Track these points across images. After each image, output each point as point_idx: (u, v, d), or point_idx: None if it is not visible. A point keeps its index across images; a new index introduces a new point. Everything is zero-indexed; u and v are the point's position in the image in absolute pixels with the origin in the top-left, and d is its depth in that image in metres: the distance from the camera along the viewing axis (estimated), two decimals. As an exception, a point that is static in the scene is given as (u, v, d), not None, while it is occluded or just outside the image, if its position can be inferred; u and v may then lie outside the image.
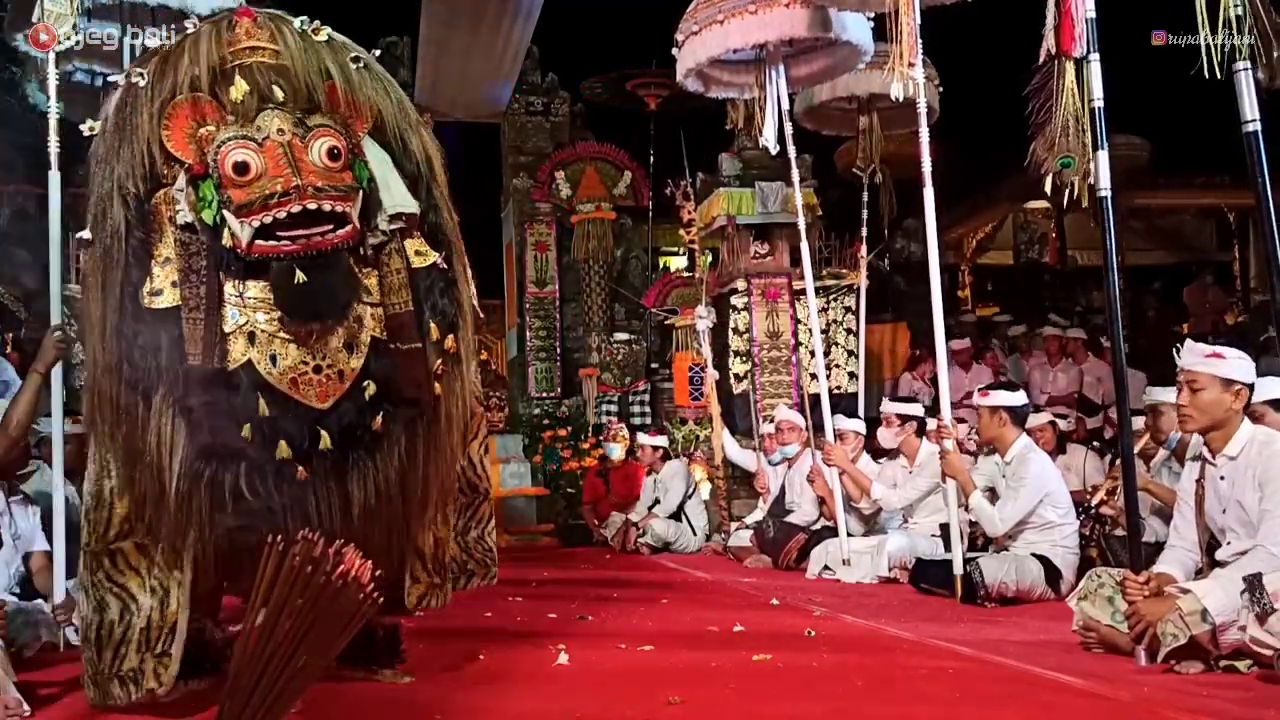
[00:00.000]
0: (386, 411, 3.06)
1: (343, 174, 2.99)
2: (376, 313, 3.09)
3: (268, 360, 2.98)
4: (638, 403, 11.40)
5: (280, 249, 2.91)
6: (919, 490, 6.72)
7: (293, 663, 2.61)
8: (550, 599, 5.72)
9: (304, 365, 2.99)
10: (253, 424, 2.95)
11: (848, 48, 6.84)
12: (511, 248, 13.19)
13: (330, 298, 2.98)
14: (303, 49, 3.09)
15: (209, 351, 2.95)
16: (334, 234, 2.93)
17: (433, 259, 3.18)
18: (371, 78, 3.18)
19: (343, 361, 3.01)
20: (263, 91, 3.00)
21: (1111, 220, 3.92)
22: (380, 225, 3.11)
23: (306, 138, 2.97)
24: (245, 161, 2.92)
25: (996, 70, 6.85)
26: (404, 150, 3.21)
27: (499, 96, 12.83)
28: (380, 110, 3.16)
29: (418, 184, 3.21)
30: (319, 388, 2.99)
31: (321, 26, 3.18)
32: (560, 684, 3.56)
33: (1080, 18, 3.98)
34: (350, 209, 2.97)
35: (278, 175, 2.90)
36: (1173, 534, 4.05)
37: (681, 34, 6.81)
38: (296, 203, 2.87)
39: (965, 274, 14.97)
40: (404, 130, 3.22)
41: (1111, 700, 3.19)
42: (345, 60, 3.13)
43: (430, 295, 3.17)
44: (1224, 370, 3.75)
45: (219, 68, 3.03)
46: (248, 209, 2.90)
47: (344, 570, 2.61)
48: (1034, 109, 4.42)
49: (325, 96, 3.05)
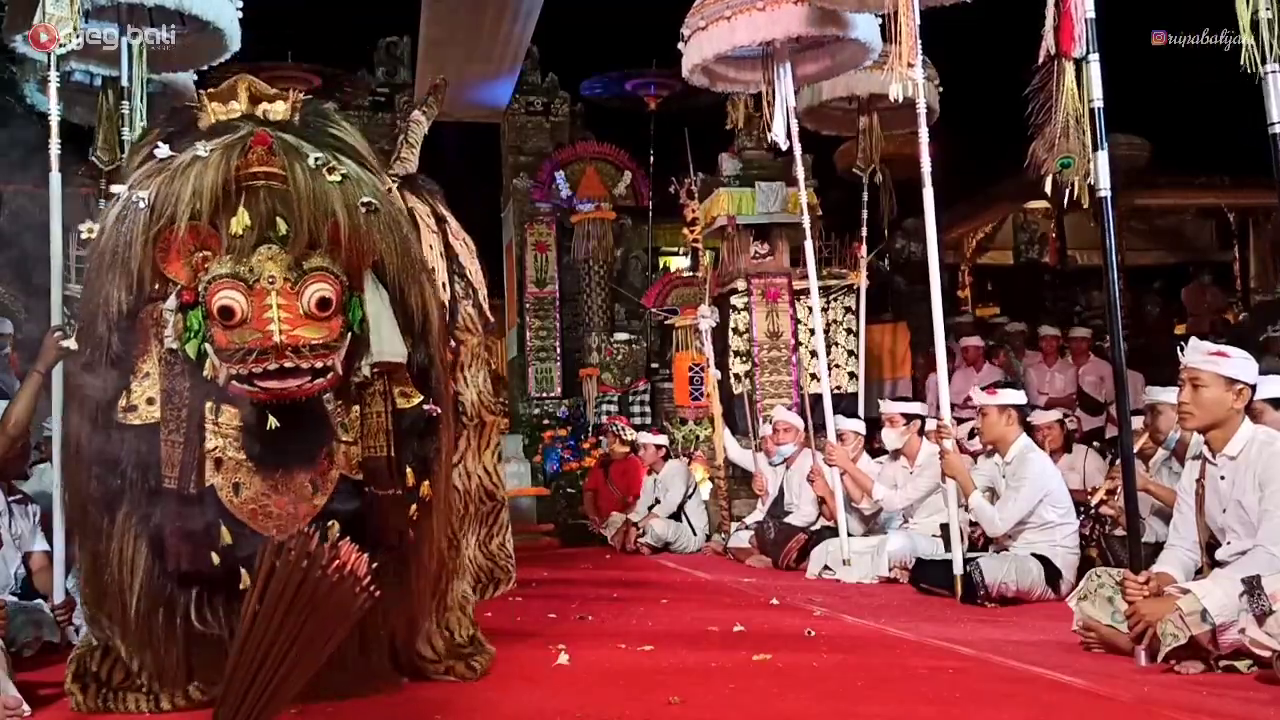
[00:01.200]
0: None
1: (331, 322, 2.94)
2: (351, 451, 3.08)
3: (230, 489, 3.00)
4: (638, 403, 11.41)
5: (255, 395, 2.91)
6: (920, 490, 6.71)
7: (289, 658, 2.61)
8: (550, 599, 5.71)
9: (265, 497, 3.00)
10: (214, 551, 2.96)
11: (855, 45, 6.82)
12: (511, 248, 13.20)
13: (299, 443, 2.99)
14: (311, 187, 3.01)
15: (185, 476, 2.98)
16: (310, 384, 2.91)
17: (416, 401, 3.16)
18: (380, 223, 3.10)
19: (305, 498, 3.02)
20: (264, 222, 2.96)
21: (1111, 220, 3.92)
22: (363, 369, 3.08)
23: (299, 284, 2.91)
24: (230, 307, 2.89)
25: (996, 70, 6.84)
26: (401, 299, 3.16)
27: (499, 96, 12.84)
28: (383, 256, 3.10)
29: (410, 331, 3.17)
30: (277, 521, 2.99)
31: (338, 166, 3.09)
32: (560, 684, 3.55)
33: (1080, 18, 3.98)
34: (333, 361, 2.94)
35: (260, 329, 2.87)
36: (1172, 534, 4.05)
37: (688, 29, 6.79)
38: (274, 362, 2.86)
39: (965, 274, 14.95)
40: (405, 280, 3.17)
41: (1111, 700, 3.19)
42: (354, 203, 3.05)
43: (409, 439, 3.15)
44: (1227, 369, 3.75)
45: (224, 189, 2.98)
46: (227, 355, 2.89)
47: (340, 565, 2.61)
48: (1034, 109, 4.41)
49: (326, 237, 2.99)
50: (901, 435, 6.89)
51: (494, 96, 12.82)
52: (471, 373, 4.53)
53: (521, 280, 12.93)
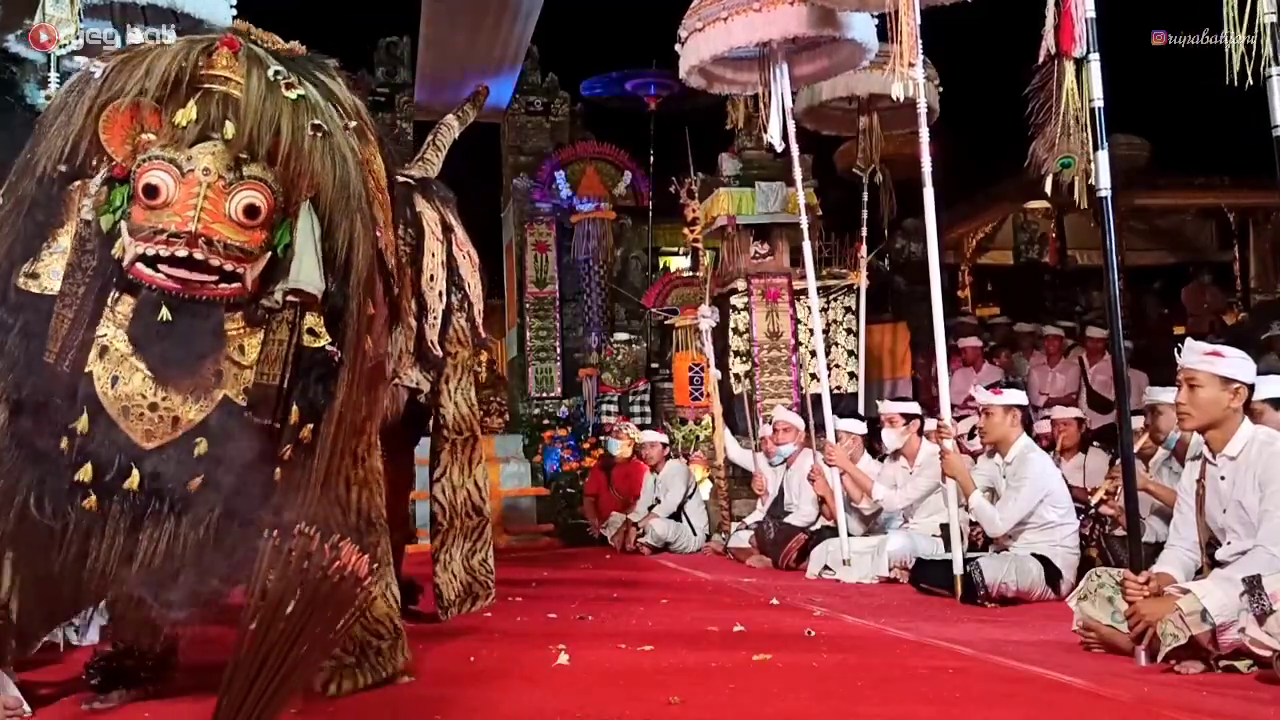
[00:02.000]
0: (208, 478, 2.87)
1: (255, 233, 2.91)
2: (242, 375, 2.95)
3: (108, 379, 2.88)
4: (638, 403, 11.40)
5: (155, 280, 2.85)
6: (920, 490, 6.71)
7: (289, 658, 2.61)
8: (550, 599, 5.71)
9: (141, 398, 2.87)
10: (68, 436, 2.84)
11: (851, 45, 6.83)
12: (511, 248, 13.20)
13: (186, 345, 2.88)
14: (264, 98, 2.97)
15: (63, 354, 2.86)
16: (215, 287, 2.86)
17: (322, 343, 3.02)
18: (325, 150, 3.02)
19: (181, 409, 2.88)
20: (211, 123, 2.94)
21: (1111, 220, 3.92)
22: (275, 295, 2.98)
23: (232, 185, 2.89)
24: (157, 185, 2.86)
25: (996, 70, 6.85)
26: (329, 232, 3.05)
27: (499, 96, 12.84)
28: (321, 186, 3.02)
29: (330, 266, 3.04)
30: (147, 425, 2.87)
31: (300, 83, 3.04)
32: (560, 684, 3.55)
33: (1080, 17, 3.98)
34: (246, 270, 2.89)
35: (179, 214, 2.83)
36: (1173, 534, 4.05)
37: (685, 31, 6.80)
38: (184, 248, 2.82)
39: (965, 274, 14.96)
40: (336, 213, 3.05)
41: (1111, 700, 3.19)
42: (303, 123, 2.99)
43: (305, 378, 3.00)
44: (1223, 369, 3.75)
45: (178, 83, 2.96)
46: (139, 232, 2.85)
47: (340, 565, 2.61)
48: (1034, 109, 4.41)
49: (268, 152, 2.95)
50: (901, 435, 6.88)
51: (494, 96, 12.79)
52: (456, 385, 4.49)
53: (521, 280, 12.93)
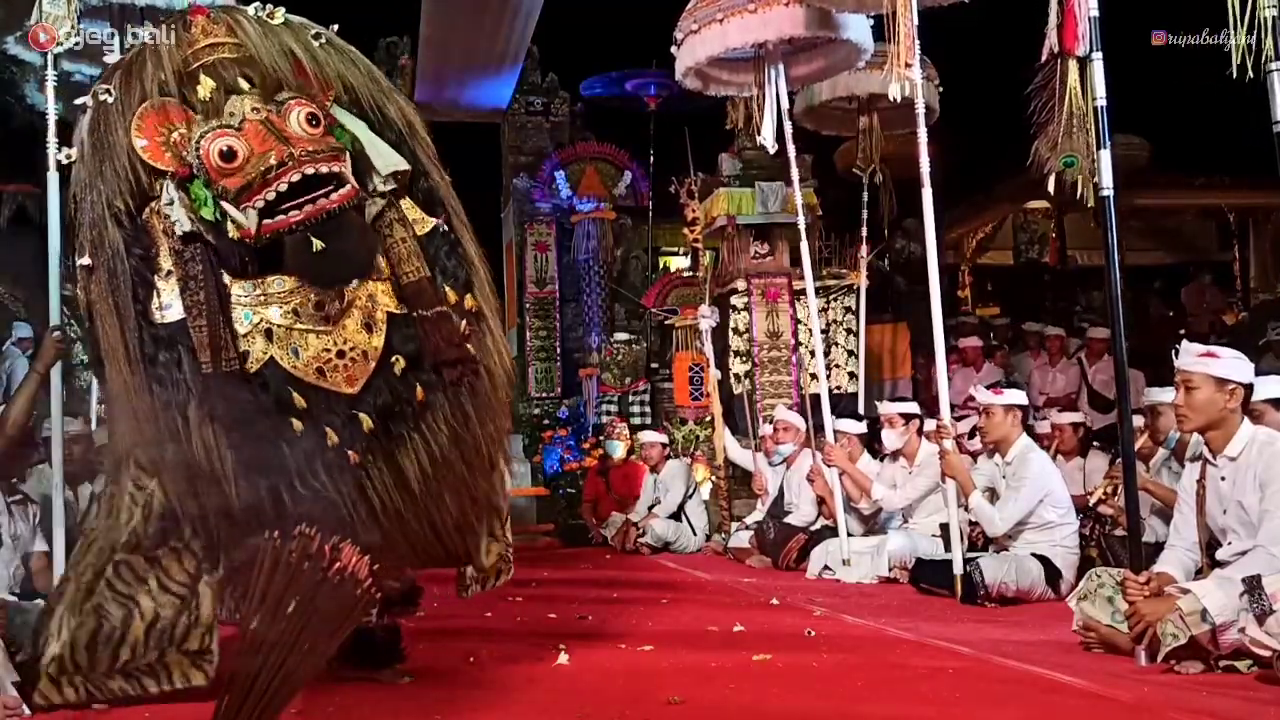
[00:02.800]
0: (423, 381, 3.04)
1: (326, 138, 2.98)
2: (387, 287, 3.07)
3: (290, 354, 2.97)
4: (638, 403, 11.40)
5: (289, 221, 2.91)
6: (919, 490, 6.71)
7: (290, 658, 2.61)
8: (550, 599, 5.71)
9: (326, 353, 2.98)
10: (291, 419, 2.94)
11: (847, 46, 6.83)
12: (511, 248, 13.20)
13: (350, 258, 2.99)
14: (262, 35, 3.08)
15: (217, 356, 2.94)
16: (336, 194, 2.91)
17: (433, 223, 3.16)
18: (336, 52, 3.17)
19: (364, 342, 3.01)
20: (229, 85, 3.00)
21: (1113, 219, 3.92)
22: (377, 186, 3.08)
23: (282, 110, 2.96)
24: (231, 148, 2.92)
25: (996, 70, 6.85)
26: (382, 118, 3.18)
27: (499, 96, 12.85)
28: (350, 81, 3.15)
29: (401, 148, 3.17)
30: (345, 372, 2.99)
31: (276, 10, 3.15)
32: (560, 684, 3.55)
33: (1083, 16, 3.97)
34: (344, 168, 2.95)
35: (267, 150, 2.89)
36: (1173, 534, 4.04)
37: (681, 32, 6.80)
38: (294, 170, 2.87)
39: (965, 274, 14.95)
40: (378, 98, 3.19)
41: (1111, 700, 3.18)
42: (306, 39, 3.12)
43: (439, 259, 3.15)
44: (1217, 369, 3.75)
45: (183, 71, 3.03)
46: (247, 192, 2.89)
47: (341, 566, 2.61)
48: (1036, 108, 4.41)
49: (292, 74, 3.05)
50: (901, 436, 6.88)
51: (494, 96, 12.83)
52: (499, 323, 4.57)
53: (521, 280, 12.93)
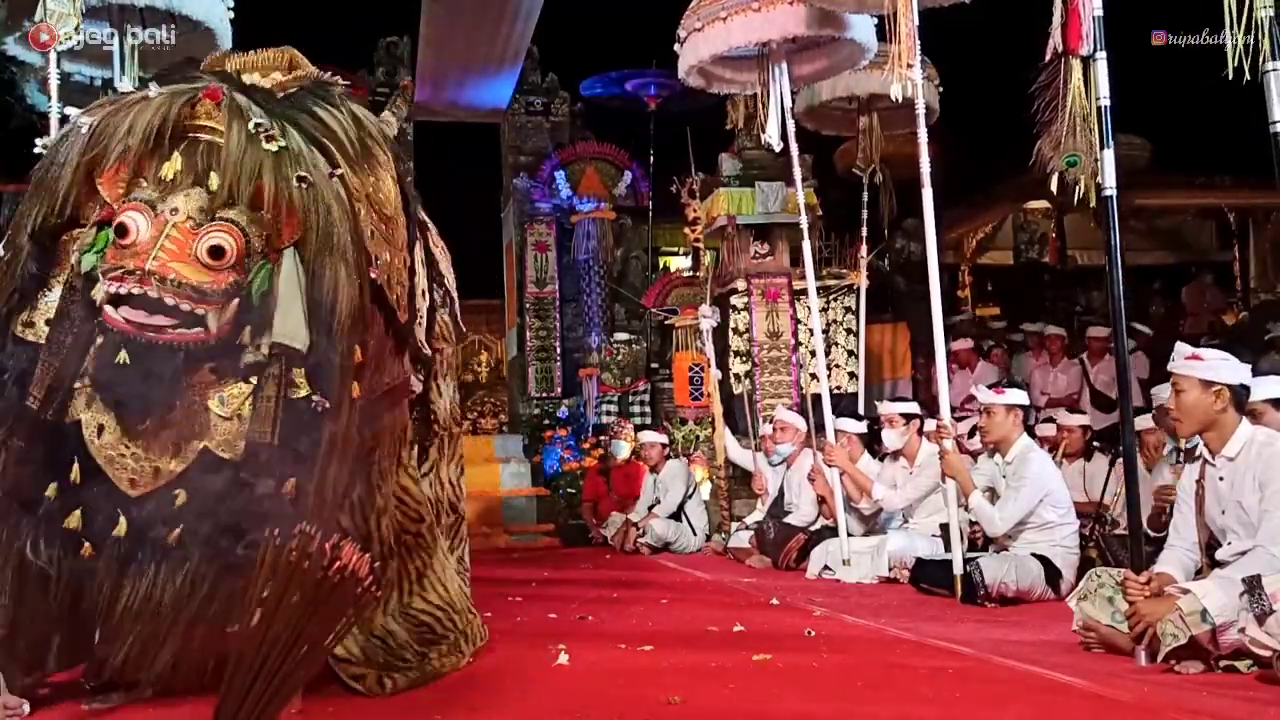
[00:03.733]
0: (188, 529, 2.86)
1: (220, 274, 2.90)
2: (226, 428, 2.93)
3: (94, 428, 2.91)
4: (638, 403, 11.40)
5: (114, 322, 2.87)
6: (920, 490, 6.71)
7: (290, 657, 2.61)
8: (550, 599, 5.71)
9: (124, 448, 2.91)
10: (58, 485, 2.88)
11: (851, 45, 6.83)
12: (511, 248, 13.20)
13: (159, 396, 2.89)
14: (244, 149, 2.99)
15: (49, 402, 2.90)
16: (172, 331, 2.86)
17: (305, 393, 2.96)
18: (309, 200, 3.01)
19: (162, 461, 2.90)
20: (198, 173, 2.98)
21: (1115, 219, 3.92)
22: (261, 346, 2.97)
23: (201, 227, 2.91)
24: (127, 225, 2.90)
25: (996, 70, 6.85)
26: (315, 280, 3.02)
27: (499, 96, 12.85)
28: (304, 236, 3.00)
29: (316, 319, 3.00)
30: (131, 474, 2.90)
31: (278, 137, 3.04)
32: (560, 684, 3.55)
33: (1087, 15, 3.97)
34: (208, 312, 2.89)
35: (140, 251, 2.86)
36: (1172, 534, 4.04)
37: (684, 30, 6.80)
38: (136, 285, 2.83)
39: (965, 274, 14.95)
40: (320, 264, 3.02)
41: (1111, 700, 3.19)
42: (287, 173, 3.00)
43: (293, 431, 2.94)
44: (1202, 372, 3.75)
45: (161, 135, 3.00)
46: (107, 271, 2.88)
47: (341, 565, 2.61)
48: (1039, 107, 4.40)
49: (252, 200, 2.97)
50: (901, 436, 6.88)
51: (494, 96, 12.82)
52: (445, 383, 4.47)
53: (521, 280, 12.93)
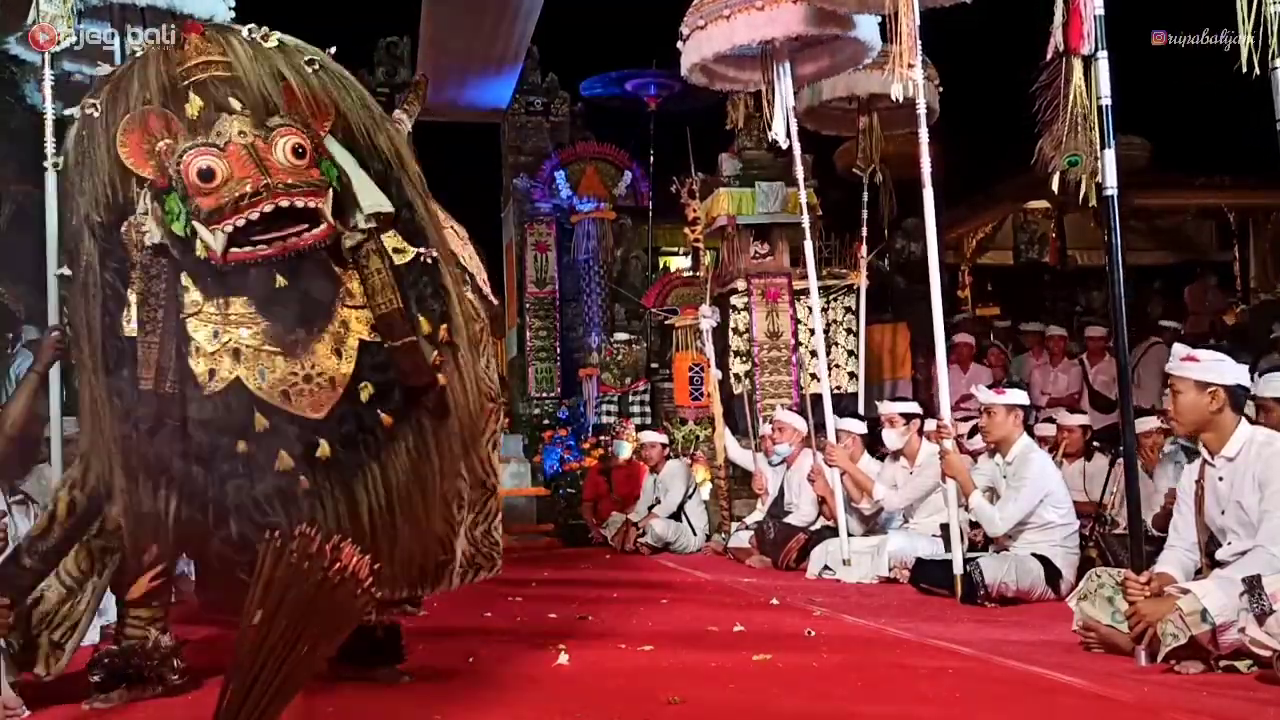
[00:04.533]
0: (390, 410, 3.01)
1: (310, 171, 2.90)
2: (362, 315, 3.01)
3: (257, 375, 2.93)
4: (638, 403, 11.41)
5: (256, 254, 2.85)
6: (920, 490, 6.71)
7: (291, 658, 2.61)
8: (550, 599, 5.71)
9: (293, 376, 2.94)
10: (247, 440, 2.92)
11: (854, 44, 6.82)
12: (511, 248, 13.21)
13: (312, 300, 2.94)
14: (253, 57, 3.01)
15: (161, 376, 2.91)
16: (309, 234, 2.86)
17: (412, 254, 3.09)
18: (330, 78, 3.08)
19: (333, 369, 2.96)
20: (219, 103, 2.95)
21: (1117, 219, 3.92)
22: (359, 224, 3.02)
23: (270, 138, 2.89)
24: (210, 167, 2.85)
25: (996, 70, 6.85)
26: (371, 148, 3.11)
27: (499, 96, 12.86)
28: (343, 109, 3.07)
29: (388, 181, 3.11)
30: (311, 398, 2.94)
31: (271, 33, 3.08)
32: (560, 684, 3.55)
33: (1089, 14, 3.97)
34: (323, 205, 2.89)
35: (245, 176, 2.82)
36: (1172, 534, 4.04)
37: (687, 28, 6.80)
38: (268, 202, 2.80)
39: (965, 274, 14.95)
40: (369, 127, 3.11)
41: (1111, 700, 3.19)
42: (299, 63, 3.04)
43: (415, 290, 3.08)
44: (1197, 373, 3.76)
45: (172, 86, 2.98)
46: (218, 215, 2.83)
47: (342, 566, 2.61)
48: (1041, 106, 4.40)
49: (283, 99, 2.98)
50: (901, 435, 6.88)
51: (494, 96, 12.84)
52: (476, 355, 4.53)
53: (521, 280, 12.94)
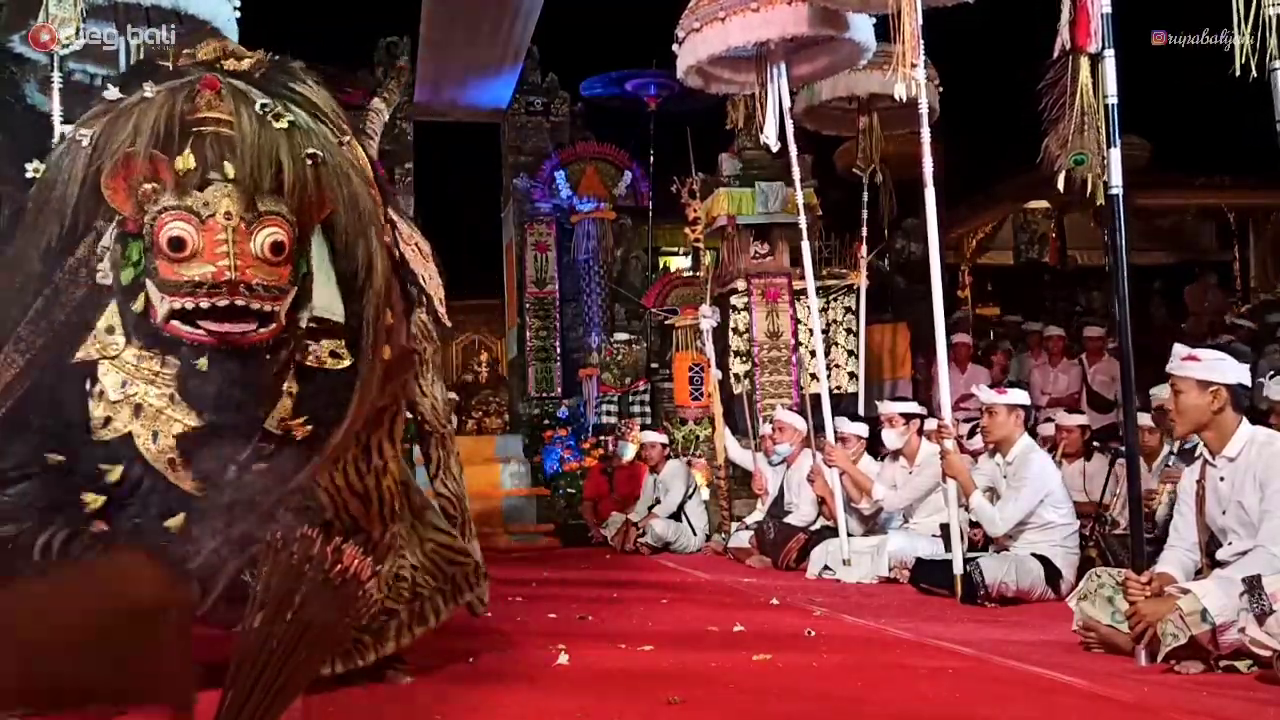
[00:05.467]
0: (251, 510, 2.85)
1: (282, 269, 2.86)
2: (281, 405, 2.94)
3: (149, 436, 2.88)
4: (638, 403, 11.40)
5: (196, 337, 2.82)
6: (920, 490, 6.71)
7: (291, 660, 2.61)
8: (550, 599, 5.71)
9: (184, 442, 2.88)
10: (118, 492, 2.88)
11: (850, 45, 6.83)
12: (511, 248, 13.20)
13: (236, 393, 2.88)
14: (258, 130, 2.93)
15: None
16: (257, 331, 2.83)
17: (347, 364, 3.00)
18: (328, 175, 3.00)
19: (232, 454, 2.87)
20: (212, 165, 2.88)
21: (1122, 218, 3.92)
22: (300, 323, 2.96)
23: (253, 224, 2.83)
24: (182, 238, 2.79)
25: (996, 71, 6.85)
26: (347, 250, 3.03)
27: (499, 96, 12.85)
28: (332, 210, 3.00)
29: (352, 289, 3.02)
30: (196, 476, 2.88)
31: (284, 114, 3.00)
32: (560, 684, 3.55)
33: (1096, 12, 3.96)
34: (280, 309, 2.86)
35: (212, 262, 2.78)
36: (1172, 534, 4.05)
37: (682, 30, 6.80)
38: (226, 298, 2.77)
39: (965, 274, 14.96)
40: (352, 230, 3.03)
41: (1111, 700, 3.19)
42: (300, 154, 2.95)
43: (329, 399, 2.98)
44: (1199, 372, 3.76)
45: (169, 133, 2.90)
46: (173, 288, 2.79)
47: (343, 568, 2.61)
48: (1046, 105, 4.40)
49: (273, 182, 2.91)
50: (901, 435, 6.88)
51: (494, 96, 12.83)
52: (427, 381, 4.43)
53: (521, 280, 12.93)
